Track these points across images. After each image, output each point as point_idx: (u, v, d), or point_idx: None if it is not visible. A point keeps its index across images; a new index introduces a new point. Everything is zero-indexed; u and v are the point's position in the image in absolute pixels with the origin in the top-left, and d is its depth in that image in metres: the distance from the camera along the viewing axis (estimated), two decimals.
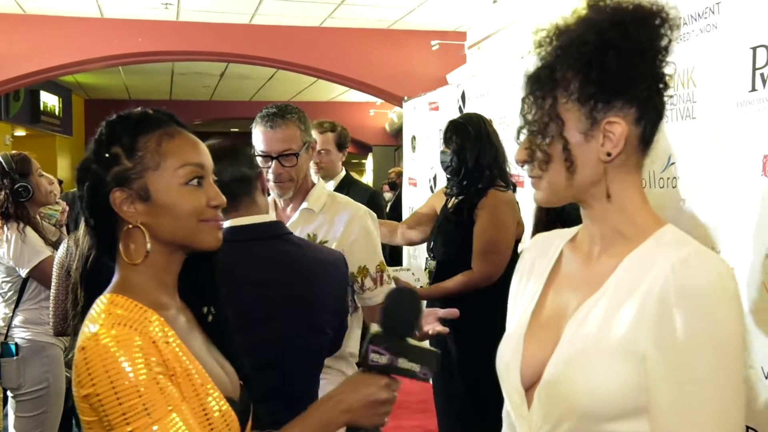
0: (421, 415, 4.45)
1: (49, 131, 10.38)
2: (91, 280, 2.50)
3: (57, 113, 10.53)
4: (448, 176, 3.09)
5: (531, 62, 1.15)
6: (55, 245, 3.18)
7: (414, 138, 5.87)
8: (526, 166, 1.15)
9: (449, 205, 3.09)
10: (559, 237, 1.27)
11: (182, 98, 11.79)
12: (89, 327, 1.10)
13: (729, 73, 1.96)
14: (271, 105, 2.27)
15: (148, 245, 1.16)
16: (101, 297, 1.16)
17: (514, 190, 3.06)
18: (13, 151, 3.32)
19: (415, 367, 1.18)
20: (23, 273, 3.12)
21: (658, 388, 1.01)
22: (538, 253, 1.28)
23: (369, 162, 14.19)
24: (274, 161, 2.20)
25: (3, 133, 9.37)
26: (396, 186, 8.53)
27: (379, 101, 9.92)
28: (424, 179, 5.48)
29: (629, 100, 1.08)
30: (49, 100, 10.15)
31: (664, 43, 1.08)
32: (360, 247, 2.23)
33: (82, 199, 1.22)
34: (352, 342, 2.32)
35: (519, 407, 1.16)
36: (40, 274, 3.09)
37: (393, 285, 2.26)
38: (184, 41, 6.81)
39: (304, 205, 2.30)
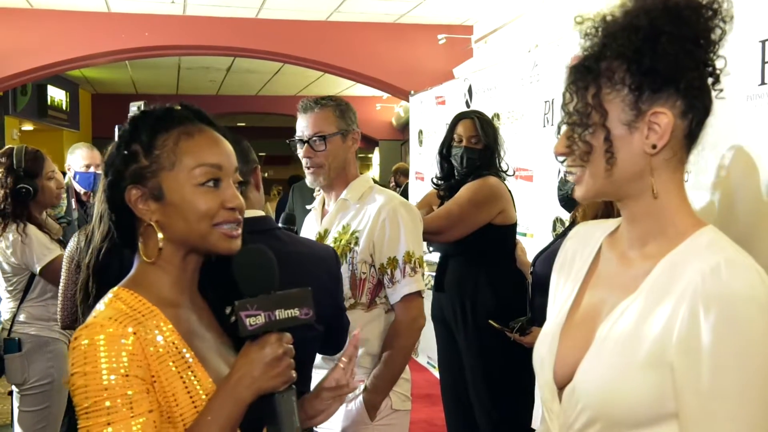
0: (428, 409, 4.46)
1: (57, 126, 10.39)
2: (101, 273, 2.50)
3: (64, 108, 10.54)
4: (464, 171, 2.98)
5: (576, 51, 1.11)
6: (60, 243, 3.10)
7: (421, 132, 5.86)
8: (564, 161, 1.10)
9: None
10: (601, 229, 1.23)
11: (189, 93, 11.76)
12: (90, 317, 1.11)
13: (739, 66, 1.95)
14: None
15: (160, 244, 1.16)
16: (110, 290, 1.17)
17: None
18: (30, 147, 3.17)
19: (295, 312, 1.13)
20: (36, 270, 3.04)
21: (684, 398, 0.99)
22: (579, 245, 1.25)
23: (375, 156, 14.18)
24: (305, 145, 2.21)
25: (11, 127, 9.38)
26: (399, 185, 8.55)
27: (385, 95, 9.91)
28: (431, 174, 5.47)
29: (677, 91, 1.03)
30: (56, 94, 10.16)
31: (716, 34, 1.04)
32: (386, 237, 2.13)
33: (105, 193, 1.21)
34: (377, 341, 2.19)
35: (549, 402, 1.15)
36: (51, 273, 2.99)
37: (421, 277, 2.13)
38: (190, 35, 6.81)
39: (342, 195, 2.25)
